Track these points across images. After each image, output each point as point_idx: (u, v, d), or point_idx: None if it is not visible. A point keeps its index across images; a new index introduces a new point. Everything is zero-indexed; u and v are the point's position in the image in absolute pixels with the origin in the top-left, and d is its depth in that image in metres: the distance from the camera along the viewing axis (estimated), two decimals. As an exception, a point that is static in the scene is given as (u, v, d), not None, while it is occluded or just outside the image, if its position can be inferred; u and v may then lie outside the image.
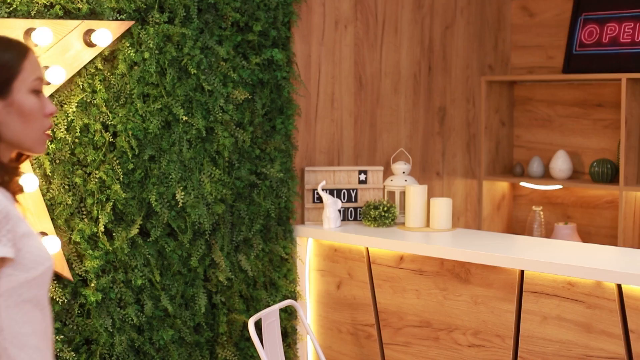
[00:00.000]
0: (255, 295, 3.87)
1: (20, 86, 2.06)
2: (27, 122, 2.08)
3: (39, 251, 2.04)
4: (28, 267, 2.01)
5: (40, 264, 2.03)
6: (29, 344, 2.03)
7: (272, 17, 3.84)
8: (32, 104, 2.08)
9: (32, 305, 2.05)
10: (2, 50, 2.07)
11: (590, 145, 5.13)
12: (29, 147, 2.11)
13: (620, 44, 4.90)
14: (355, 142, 4.42)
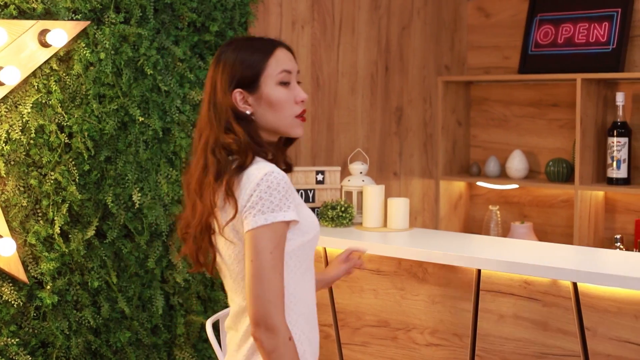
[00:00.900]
0: (213, 297, 3.86)
1: (267, 81, 2.44)
2: (277, 111, 2.45)
3: (310, 218, 2.45)
4: (303, 231, 2.41)
5: (312, 229, 2.45)
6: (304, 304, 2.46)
7: (229, 18, 3.83)
8: (279, 95, 2.45)
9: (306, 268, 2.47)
10: (250, 52, 2.46)
11: (546, 145, 5.17)
12: (285, 131, 2.49)
13: (575, 44, 4.94)
14: (312, 142, 4.42)
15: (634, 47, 4.79)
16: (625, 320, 2.89)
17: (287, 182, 2.34)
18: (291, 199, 2.34)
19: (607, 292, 2.93)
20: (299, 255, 2.43)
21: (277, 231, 2.31)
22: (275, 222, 2.30)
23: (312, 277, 2.51)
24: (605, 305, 2.94)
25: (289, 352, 2.30)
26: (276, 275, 2.29)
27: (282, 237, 2.32)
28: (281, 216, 2.30)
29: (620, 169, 4.64)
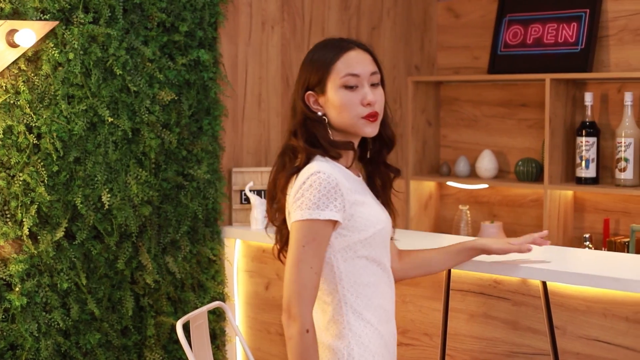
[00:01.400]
0: (183, 298, 3.85)
1: (332, 84, 2.58)
2: (341, 113, 2.58)
3: (370, 216, 2.57)
4: (359, 229, 2.55)
5: (371, 227, 2.57)
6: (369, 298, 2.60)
7: (199, 18, 3.82)
8: (342, 98, 2.57)
9: (367, 261, 2.60)
10: (321, 54, 2.62)
11: (516, 144, 5.19)
12: (354, 131, 2.62)
13: (544, 44, 4.96)
14: (282, 142, 4.41)
15: (602, 47, 4.82)
16: (594, 319, 2.91)
17: (331, 183, 2.49)
18: (334, 199, 2.49)
19: (576, 291, 2.94)
20: (360, 250, 2.59)
21: (313, 227, 2.49)
22: (311, 219, 2.48)
23: (378, 271, 2.64)
24: (574, 304, 2.95)
25: (304, 343, 2.46)
26: (305, 269, 2.48)
27: (319, 234, 2.49)
28: (316, 214, 2.48)
29: (589, 168, 4.67)
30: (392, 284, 2.73)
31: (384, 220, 2.65)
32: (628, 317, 2.84)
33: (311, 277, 2.49)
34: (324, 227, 2.51)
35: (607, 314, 2.88)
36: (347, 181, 2.58)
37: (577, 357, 2.96)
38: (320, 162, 2.58)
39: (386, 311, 2.68)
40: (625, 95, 4.54)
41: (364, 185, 2.73)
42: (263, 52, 4.29)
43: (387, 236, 2.70)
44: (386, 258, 2.71)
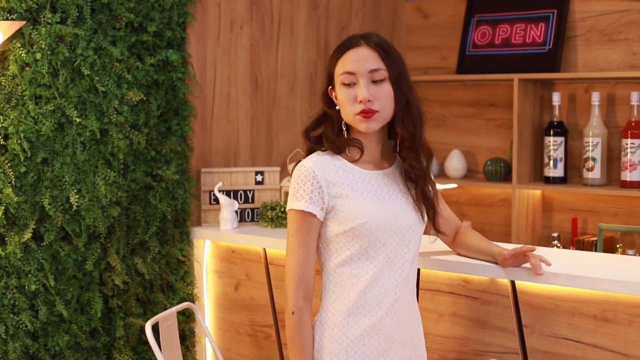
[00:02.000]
0: (152, 299, 3.83)
1: (336, 80, 2.71)
2: (342, 109, 2.71)
3: (352, 210, 2.64)
4: (339, 221, 2.66)
5: (350, 220, 2.64)
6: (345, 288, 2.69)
7: (167, 18, 3.80)
8: (341, 95, 2.69)
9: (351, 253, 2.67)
10: (333, 53, 2.76)
11: (484, 144, 5.21)
12: (354, 127, 2.72)
13: (512, 44, 4.99)
14: (251, 143, 4.41)
15: (569, 47, 4.85)
16: (563, 317, 2.93)
17: (307, 175, 2.66)
18: (310, 191, 2.65)
19: (544, 289, 2.96)
20: (340, 242, 2.69)
21: (297, 217, 2.67)
22: (290, 209, 2.69)
23: (367, 265, 2.69)
24: (542, 303, 2.97)
25: (290, 324, 2.67)
26: (294, 256, 2.67)
27: (303, 224, 2.67)
28: (294, 205, 2.67)
29: (556, 168, 4.70)
30: (392, 277, 2.72)
31: (370, 215, 2.66)
32: (596, 316, 2.86)
33: (299, 264, 2.66)
34: (305, 217, 2.66)
35: (575, 313, 2.90)
36: (337, 175, 2.68)
37: (546, 355, 2.97)
38: (312, 156, 2.73)
39: (367, 303, 2.69)
40: (592, 95, 4.58)
41: (377, 179, 2.75)
42: (232, 52, 4.28)
43: (388, 232, 2.69)
44: (392, 253, 2.71)
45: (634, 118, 4.47)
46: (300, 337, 2.67)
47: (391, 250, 2.70)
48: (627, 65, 4.67)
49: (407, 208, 2.75)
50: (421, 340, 2.88)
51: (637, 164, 4.43)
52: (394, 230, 2.70)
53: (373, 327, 2.70)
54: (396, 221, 2.70)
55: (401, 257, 2.72)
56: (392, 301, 2.71)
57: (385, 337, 2.71)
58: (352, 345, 2.68)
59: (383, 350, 2.71)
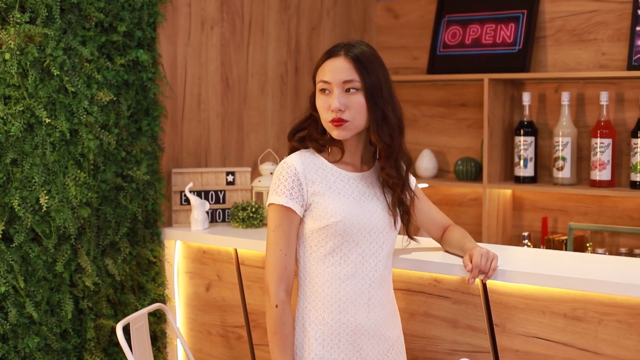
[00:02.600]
0: (123, 300, 3.82)
1: (317, 87, 2.79)
2: (320, 115, 2.80)
3: (328, 208, 2.75)
4: (315, 218, 2.76)
5: (330, 217, 2.74)
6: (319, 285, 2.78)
7: (137, 18, 3.79)
8: (318, 102, 2.79)
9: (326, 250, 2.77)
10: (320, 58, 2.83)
11: (455, 144, 5.23)
12: (329, 132, 2.81)
13: (482, 45, 5.01)
14: (222, 143, 4.40)
15: (539, 47, 4.88)
16: (533, 316, 2.94)
17: (289, 172, 2.76)
18: (291, 187, 2.75)
19: (515, 288, 2.97)
20: (315, 239, 2.78)
21: (277, 212, 2.76)
22: (270, 203, 2.78)
23: (340, 263, 2.79)
24: (513, 302, 2.98)
25: (273, 317, 2.74)
26: (275, 251, 2.76)
27: (284, 219, 2.76)
28: (274, 199, 2.76)
29: (527, 167, 4.72)
30: (366, 276, 2.81)
31: (345, 214, 2.76)
32: (566, 314, 2.87)
33: (280, 258, 2.75)
34: (287, 213, 2.76)
35: (546, 311, 2.91)
36: (318, 173, 2.79)
37: (517, 354, 2.99)
38: (295, 154, 2.84)
39: (342, 301, 2.78)
40: (562, 95, 4.60)
41: (356, 180, 2.85)
42: (202, 52, 4.27)
43: (362, 231, 2.79)
44: (366, 252, 2.81)
45: (603, 118, 4.50)
46: (283, 330, 2.75)
47: (364, 250, 2.80)
48: (596, 65, 4.70)
49: (382, 211, 2.85)
50: (399, 339, 2.95)
51: (607, 163, 4.46)
52: (367, 231, 2.80)
53: (348, 324, 2.78)
54: (370, 222, 2.80)
55: (374, 258, 2.82)
56: (366, 300, 2.80)
57: (360, 334, 2.79)
58: (328, 341, 2.77)
59: (359, 347, 2.80)
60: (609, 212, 4.67)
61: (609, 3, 4.66)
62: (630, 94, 4.57)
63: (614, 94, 4.61)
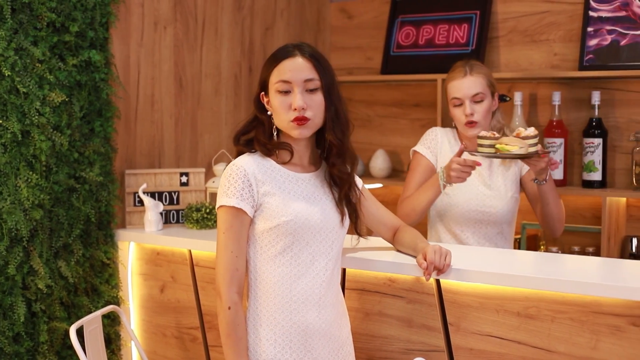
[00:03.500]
0: (76, 302, 3.79)
1: (271, 88, 2.80)
2: (277, 115, 2.81)
3: (278, 208, 2.76)
4: (266, 218, 2.77)
5: (280, 217, 2.75)
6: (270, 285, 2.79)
7: (90, 18, 3.76)
8: (276, 102, 2.78)
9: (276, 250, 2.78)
10: (268, 60, 2.83)
11: (409, 144, 5.23)
12: (286, 132, 2.82)
13: (435, 45, 5.03)
14: (176, 144, 4.38)
15: (492, 48, 4.91)
16: (487, 315, 2.96)
17: (239, 174, 2.75)
18: (241, 189, 2.74)
19: (469, 287, 2.99)
20: (266, 239, 2.79)
21: (228, 214, 2.75)
22: (221, 205, 2.76)
23: (291, 263, 2.80)
24: (467, 301, 2.99)
25: (226, 319, 2.73)
26: (226, 253, 2.75)
27: (235, 221, 2.75)
28: (225, 201, 2.75)
29: (480, 167, 4.74)
30: (316, 276, 2.83)
31: (295, 214, 2.78)
32: (519, 313, 2.89)
33: (232, 260, 2.74)
34: (237, 214, 2.75)
35: (500, 310, 2.93)
36: (266, 174, 2.80)
37: (471, 352, 3.00)
38: (243, 156, 2.84)
39: (293, 301, 2.79)
40: (515, 95, 4.63)
41: (304, 181, 2.87)
42: (156, 53, 4.25)
43: (312, 231, 2.81)
44: (316, 252, 2.82)
45: (555, 117, 4.54)
46: (237, 332, 2.75)
47: (315, 249, 2.82)
48: (548, 65, 4.74)
49: (331, 211, 2.88)
50: (348, 339, 2.96)
51: (559, 162, 4.50)
52: (317, 230, 2.82)
53: (299, 325, 2.79)
54: (320, 222, 2.82)
55: (324, 257, 2.84)
56: (316, 299, 2.81)
57: (312, 334, 2.80)
58: (280, 341, 2.78)
59: (310, 347, 2.81)
60: (562, 211, 4.71)
61: (560, 4, 4.70)
62: (582, 94, 4.61)
63: (566, 94, 4.65)
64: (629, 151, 4.45)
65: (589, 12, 4.54)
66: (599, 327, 2.76)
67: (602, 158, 4.43)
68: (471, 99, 3.64)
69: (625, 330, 2.72)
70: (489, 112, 3.66)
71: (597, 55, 4.48)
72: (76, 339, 3.21)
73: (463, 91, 3.66)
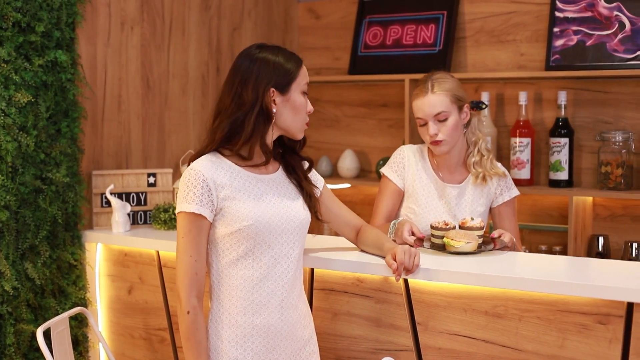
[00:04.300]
0: (43, 304, 3.77)
1: (296, 87, 2.84)
2: (295, 115, 2.85)
3: (239, 212, 2.75)
4: (227, 223, 2.76)
5: (240, 222, 2.74)
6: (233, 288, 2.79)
7: (56, 18, 3.74)
8: (301, 102, 2.86)
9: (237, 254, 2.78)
10: (287, 60, 2.84)
11: (376, 144, 5.25)
12: (293, 133, 2.89)
13: (403, 45, 5.04)
14: (143, 144, 4.36)
15: (459, 48, 4.92)
16: (455, 314, 2.97)
17: (197, 179, 2.73)
18: (200, 194, 2.72)
19: (437, 287, 2.99)
20: (227, 243, 2.78)
21: (187, 219, 2.73)
22: (181, 211, 2.74)
23: (253, 266, 2.79)
24: (435, 300, 3.00)
25: (186, 323, 2.73)
26: (185, 257, 2.73)
27: (194, 226, 2.73)
28: (185, 207, 2.73)
29: (448, 167, 4.76)
30: (279, 278, 2.84)
31: (256, 217, 2.77)
32: (487, 312, 2.90)
33: (191, 265, 2.73)
34: (196, 219, 2.73)
35: (467, 309, 2.94)
36: (227, 177, 2.78)
37: (439, 352, 3.01)
38: (201, 159, 2.80)
39: (255, 303, 2.80)
40: (482, 95, 4.66)
41: (265, 182, 2.88)
42: (122, 53, 4.23)
43: (273, 233, 2.81)
44: (278, 254, 2.83)
45: (522, 117, 4.57)
46: (196, 335, 2.75)
47: (277, 252, 2.83)
48: (515, 65, 4.76)
49: (292, 211, 2.89)
50: (312, 338, 2.98)
51: (526, 162, 4.53)
52: (279, 233, 2.82)
53: (261, 326, 2.80)
54: (281, 224, 2.83)
55: (287, 259, 2.85)
56: (279, 301, 2.83)
57: (273, 335, 2.82)
58: (242, 343, 2.79)
59: (272, 348, 2.82)
60: (529, 210, 4.74)
61: (527, 4, 4.73)
62: (548, 94, 4.64)
63: (533, 94, 4.67)
64: (595, 151, 4.48)
65: (555, 12, 4.57)
66: (566, 325, 2.78)
67: (568, 157, 4.46)
68: (434, 118, 3.52)
69: (592, 329, 2.74)
70: (455, 128, 3.52)
71: (564, 55, 4.51)
72: (43, 341, 3.19)
73: (425, 111, 3.53)
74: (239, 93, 2.80)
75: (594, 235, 4.47)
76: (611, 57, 4.38)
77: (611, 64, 4.37)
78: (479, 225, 3.28)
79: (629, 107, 4.46)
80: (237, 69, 2.84)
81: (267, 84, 2.80)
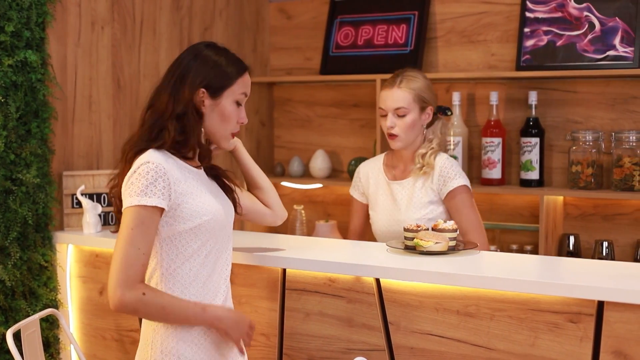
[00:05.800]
0: (13, 306, 3.74)
1: (229, 95, 2.83)
2: (223, 123, 2.84)
3: (197, 207, 2.71)
4: (185, 219, 2.70)
5: (198, 217, 2.71)
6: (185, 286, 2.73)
7: (25, 18, 3.71)
8: (230, 111, 2.84)
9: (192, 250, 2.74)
10: (228, 64, 2.83)
11: (348, 144, 5.26)
12: (217, 141, 2.88)
13: (374, 45, 5.05)
14: (114, 145, 4.34)
15: (430, 48, 4.94)
16: (427, 313, 2.97)
17: (158, 172, 2.64)
18: (162, 187, 2.63)
19: (408, 286, 3.00)
20: (184, 239, 2.73)
21: (142, 213, 2.61)
22: (139, 205, 2.62)
23: (203, 261, 2.77)
24: (407, 300, 3.01)
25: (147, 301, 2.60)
26: (132, 250, 2.59)
27: (147, 219, 2.62)
28: (144, 201, 2.61)
29: (419, 166, 4.77)
30: (222, 270, 2.87)
31: (213, 212, 2.77)
32: (459, 311, 2.91)
33: (138, 257, 2.61)
34: (152, 213, 2.64)
35: (439, 309, 2.95)
36: (180, 172, 2.74)
37: (412, 351, 3.02)
38: (155, 153, 2.71)
39: (207, 299, 2.79)
40: (453, 95, 4.67)
41: (204, 178, 2.89)
42: (93, 53, 4.21)
43: (221, 228, 2.82)
44: (221, 248, 2.84)
45: (493, 117, 4.58)
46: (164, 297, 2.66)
47: (220, 246, 2.84)
48: (486, 65, 4.78)
49: (229, 204, 2.95)
50: None
51: (497, 162, 4.54)
52: (224, 226, 2.85)
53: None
54: (225, 217, 2.86)
55: (226, 252, 2.88)
56: (224, 294, 2.85)
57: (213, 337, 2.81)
58: (196, 341, 2.76)
59: (224, 342, 2.82)
60: (500, 210, 4.76)
61: (498, 5, 4.75)
62: (519, 93, 4.66)
63: (504, 94, 4.70)
64: (566, 150, 4.50)
65: (525, 13, 4.59)
66: (537, 324, 2.79)
67: (539, 157, 4.48)
68: (394, 112, 3.65)
69: (563, 327, 2.75)
70: (411, 126, 3.64)
71: (534, 55, 4.53)
72: (13, 343, 3.17)
73: (387, 103, 3.68)
74: (177, 87, 2.78)
75: (565, 235, 4.49)
76: (581, 57, 4.41)
77: (581, 64, 4.40)
78: (452, 228, 3.30)
79: (599, 107, 4.49)
80: (180, 63, 2.83)
81: (200, 84, 2.78)
